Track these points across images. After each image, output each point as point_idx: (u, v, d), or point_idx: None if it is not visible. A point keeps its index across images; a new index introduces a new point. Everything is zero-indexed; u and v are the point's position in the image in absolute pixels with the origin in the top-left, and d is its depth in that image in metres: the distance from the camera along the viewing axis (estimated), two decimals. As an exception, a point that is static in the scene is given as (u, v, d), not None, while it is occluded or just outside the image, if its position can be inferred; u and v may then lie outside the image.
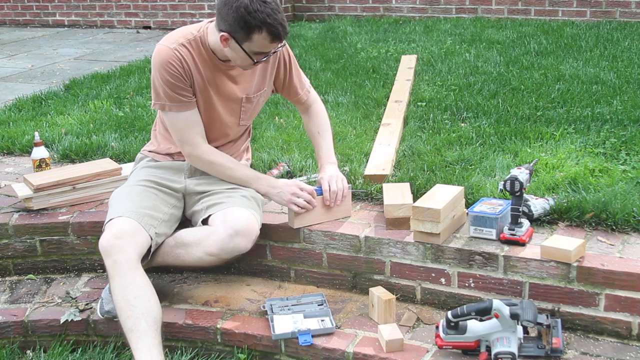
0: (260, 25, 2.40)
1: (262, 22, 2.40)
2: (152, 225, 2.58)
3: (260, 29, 2.42)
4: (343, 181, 2.76)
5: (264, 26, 2.41)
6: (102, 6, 8.38)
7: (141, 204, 2.61)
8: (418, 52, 5.54)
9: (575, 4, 6.64)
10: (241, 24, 2.41)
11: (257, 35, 2.43)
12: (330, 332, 2.47)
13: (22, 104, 4.72)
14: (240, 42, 2.46)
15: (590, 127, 3.58)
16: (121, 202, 2.63)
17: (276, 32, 2.43)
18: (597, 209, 2.61)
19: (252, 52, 2.49)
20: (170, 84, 2.55)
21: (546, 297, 2.41)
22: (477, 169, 3.12)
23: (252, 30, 2.42)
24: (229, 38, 2.46)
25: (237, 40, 2.46)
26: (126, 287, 2.41)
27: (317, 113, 2.94)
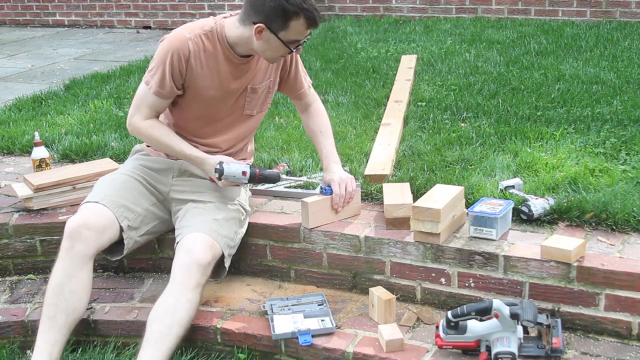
0: (297, 11, 2.44)
1: (299, 7, 2.44)
2: (127, 218, 2.63)
3: (297, 15, 2.45)
4: (352, 182, 2.77)
5: (302, 12, 2.44)
6: (102, 6, 8.38)
7: (121, 194, 2.66)
8: (418, 52, 5.54)
9: (575, 4, 6.64)
10: (279, 12, 2.44)
11: (294, 22, 2.46)
12: (331, 332, 2.47)
13: (22, 104, 4.72)
14: (276, 31, 2.48)
15: (590, 127, 3.58)
16: (102, 187, 2.71)
17: (312, 17, 2.48)
18: (597, 209, 2.61)
19: (287, 40, 2.51)
20: (164, 71, 2.58)
21: (546, 297, 2.41)
22: (477, 169, 3.12)
23: (290, 17, 2.45)
24: (264, 29, 2.47)
25: (272, 30, 2.47)
26: (69, 276, 2.50)
27: (318, 112, 2.94)
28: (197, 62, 2.59)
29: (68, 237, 2.52)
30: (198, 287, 2.48)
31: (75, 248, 2.51)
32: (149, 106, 2.66)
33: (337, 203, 2.73)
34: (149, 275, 3.01)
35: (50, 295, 2.50)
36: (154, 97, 2.63)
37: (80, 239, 2.51)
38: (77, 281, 2.51)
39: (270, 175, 2.67)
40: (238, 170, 2.60)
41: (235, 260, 2.87)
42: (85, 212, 2.59)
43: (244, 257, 2.89)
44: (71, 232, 2.52)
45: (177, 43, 2.57)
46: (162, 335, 2.38)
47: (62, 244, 2.54)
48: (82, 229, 2.52)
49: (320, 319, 2.53)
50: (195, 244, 2.52)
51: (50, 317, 2.47)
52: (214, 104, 2.70)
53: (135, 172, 2.77)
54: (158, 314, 2.42)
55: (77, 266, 2.51)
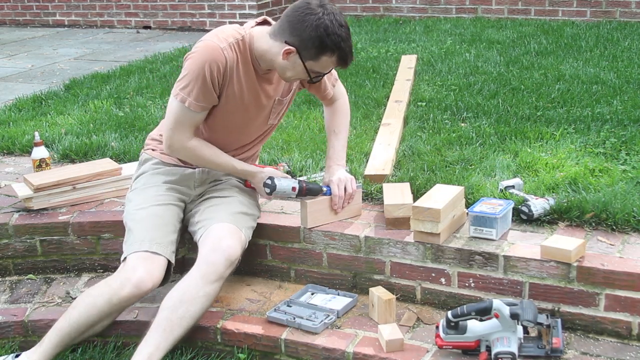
0: (334, 48, 2.40)
1: (337, 46, 2.40)
2: (173, 252, 2.59)
3: (332, 52, 2.42)
4: (352, 183, 2.75)
5: (337, 50, 2.41)
6: (102, 6, 8.37)
7: (165, 230, 2.59)
8: (418, 52, 5.54)
9: (575, 4, 6.64)
10: (316, 43, 2.39)
11: (326, 57, 2.43)
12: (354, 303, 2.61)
13: (22, 104, 4.71)
14: (305, 59, 2.44)
15: (590, 127, 3.58)
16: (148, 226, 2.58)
17: (345, 58, 2.44)
18: (597, 209, 2.61)
19: (311, 70, 2.48)
20: (205, 84, 2.48)
21: (546, 297, 2.41)
22: (477, 169, 3.12)
23: (325, 52, 2.41)
24: (294, 52, 2.43)
25: (302, 56, 2.44)
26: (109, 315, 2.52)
27: (341, 110, 2.90)
28: (233, 72, 2.52)
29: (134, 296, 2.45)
30: (220, 280, 2.47)
31: (129, 302, 2.48)
32: (189, 124, 2.57)
33: (335, 203, 2.72)
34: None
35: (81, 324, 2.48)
36: (194, 114, 2.54)
37: (139, 296, 2.47)
38: (112, 318, 2.57)
39: (314, 188, 2.69)
40: (288, 186, 2.63)
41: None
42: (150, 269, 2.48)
43: (244, 257, 2.89)
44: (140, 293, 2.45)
45: (213, 54, 2.46)
46: (172, 324, 2.38)
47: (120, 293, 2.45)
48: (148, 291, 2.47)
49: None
50: (225, 237, 2.51)
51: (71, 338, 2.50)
52: (245, 114, 2.66)
53: (165, 195, 2.69)
54: (173, 302, 2.41)
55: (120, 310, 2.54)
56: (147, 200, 2.67)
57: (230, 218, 2.58)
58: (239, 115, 2.65)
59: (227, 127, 2.68)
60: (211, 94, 2.52)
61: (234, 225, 2.56)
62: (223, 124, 2.66)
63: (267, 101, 2.67)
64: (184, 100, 2.51)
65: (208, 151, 2.63)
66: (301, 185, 2.65)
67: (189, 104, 2.51)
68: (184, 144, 2.59)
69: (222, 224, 2.55)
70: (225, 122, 2.66)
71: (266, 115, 2.73)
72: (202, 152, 2.62)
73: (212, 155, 2.63)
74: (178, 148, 2.61)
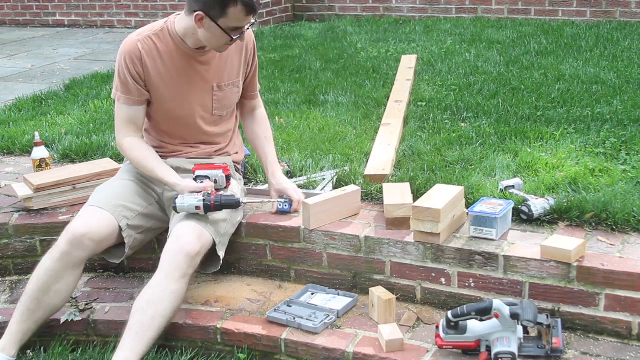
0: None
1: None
2: (125, 217, 2.65)
3: (235, 2, 2.45)
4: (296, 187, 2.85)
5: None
6: (102, 6, 8.37)
7: (118, 196, 2.69)
8: (418, 52, 5.54)
9: (576, 4, 6.64)
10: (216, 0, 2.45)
11: (232, 8, 2.47)
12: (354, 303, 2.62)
13: (22, 104, 4.72)
14: (215, 19, 2.49)
15: (590, 127, 3.58)
16: (100, 192, 2.73)
17: (250, 3, 2.48)
18: (597, 209, 2.61)
19: (228, 28, 2.52)
20: (125, 77, 2.63)
21: (546, 297, 2.41)
22: (477, 169, 3.12)
23: (227, 4, 2.46)
24: (204, 17, 2.50)
25: (212, 17, 2.49)
26: (58, 277, 2.54)
27: (264, 118, 2.99)
28: (152, 63, 2.63)
29: (68, 243, 2.53)
30: (184, 277, 2.48)
31: (72, 254, 2.54)
32: (125, 120, 2.69)
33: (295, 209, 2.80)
34: (149, 276, 2.97)
35: (35, 290, 2.54)
36: (126, 107, 2.67)
37: (80, 247, 2.55)
38: (64, 283, 2.57)
39: (228, 202, 2.61)
40: (191, 205, 2.58)
41: (235, 260, 2.87)
42: (87, 218, 2.60)
43: (244, 257, 2.89)
44: (72, 240, 2.53)
45: (127, 47, 2.63)
46: (144, 326, 2.40)
47: (58, 243, 2.56)
48: (85, 239, 2.54)
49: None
50: (184, 234, 2.53)
51: (31, 310, 2.54)
52: (182, 101, 2.71)
53: (130, 175, 2.79)
54: (142, 304, 2.44)
55: (68, 269, 2.56)
56: (114, 177, 2.85)
57: (193, 217, 2.60)
58: (175, 103, 2.71)
59: (169, 118, 2.75)
60: (134, 86, 2.63)
61: (194, 223, 2.57)
62: (164, 114, 2.75)
63: (203, 83, 2.71)
64: (114, 96, 2.68)
65: (136, 153, 2.71)
66: (207, 203, 2.56)
67: (119, 97, 2.66)
68: (120, 141, 2.72)
69: (183, 223, 2.58)
70: (165, 113, 2.74)
71: (209, 104, 2.76)
72: (131, 153, 2.72)
73: (138, 156, 2.71)
74: (119, 147, 2.75)
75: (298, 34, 6.70)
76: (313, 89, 4.63)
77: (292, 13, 7.87)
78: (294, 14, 7.88)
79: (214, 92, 2.74)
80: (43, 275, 2.54)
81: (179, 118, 2.75)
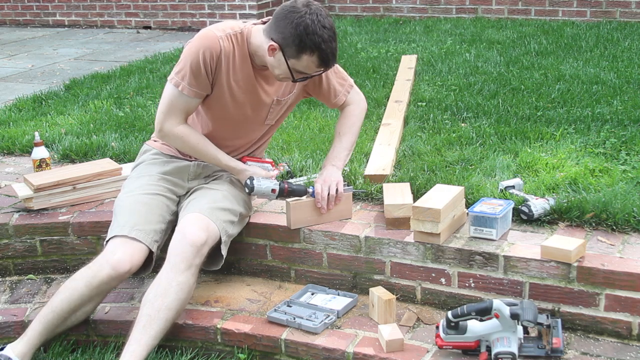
0: (314, 48, 2.42)
1: (316, 46, 2.41)
2: (156, 241, 2.62)
3: (312, 52, 2.43)
4: (339, 185, 2.73)
5: (317, 50, 2.42)
6: (102, 6, 8.37)
7: (148, 218, 2.62)
8: (418, 52, 5.54)
9: (576, 4, 6.64)
10: (296, 42, 2.41)
11: (307, 56, 2.44)
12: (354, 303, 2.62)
13: (22, 104, 4.71)
14: (287, 57, 2.46)
15: (590, 127, 3.58)
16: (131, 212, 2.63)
17: (326, 59, 2.45)
18: (597, 209, 2.61)
19: (294, 69, 2.49)
20: (198, 69, 2.54)
21: (546, 297, 2.41)
22: (477, 169, 3.12)
23: (304, 51, 2.43)
24: (277, 49, 2.46)
25: (285, 54, 2.46)
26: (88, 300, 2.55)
27: (349, 114, 2.90)
28: (227, 62, 2.57)
29: (110, 278, 2.50)
30: (190, 268, 2.48)
31: (110, 285, 2.54)
32: (181, 109, 2.61)
33: (319, 202, 2.71)
34: (149, 275, 3.00)
35: (64, 310, 2.54)
36: (187, 98, 2.59)
37: (120, 279, 2.53)
38: (94, 304, 2.63)
39: (298, 189, 2.69)
40: (268, 188, 2.64)
41: (236, 260, 2.88)
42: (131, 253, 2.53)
43: (244, 257, 2.89)
44: (115, 275, 2.50)
45: (208, 41, 2.53)
46: (151, 319, 2.41)
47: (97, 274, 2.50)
48: (128, 274, 2.53)
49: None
50: (191, 224, 2.53)
51: (55, 326, 2.55)
52: (241, 108, 2.68)
53: (155, 185, 2.72)
54: (149, 298, 2.45)
55: (101, 294, 2.59)
56: (137, 188, 2.72)
57: (201, 209, 2.60)
58: (234, 108, 2.67)
59: (223, 120, 2.71)
60: (204, 80, 2.56)
61: (202, 215, 2.57)
62: (219, 115, 2.69)
63: (265, 97, 2.68)
64: (177, 84, 2.58)
65: (195, 138, 2.66)
66: (282, 187, 2.65)
67: (182, 87, 2.57)
68: (173, 128, 2.63)
69: (191, 214, 2.58)
70: (221, 114, 2.69)
71: (264, 115, 2.74)
72: (189, 139, 2.65)
73: (198, 143, 2.66)
74: (167, 132, 2.65)
75: (298, 34, 6.70)
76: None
77: (292, 13, 7.85)
78: (294, 14, 7.86)
79: (271, 105, 2.73)
80: (76, 298, 2.53)
81: (230, 121, 2.71)
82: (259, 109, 2.71)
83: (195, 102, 2.62)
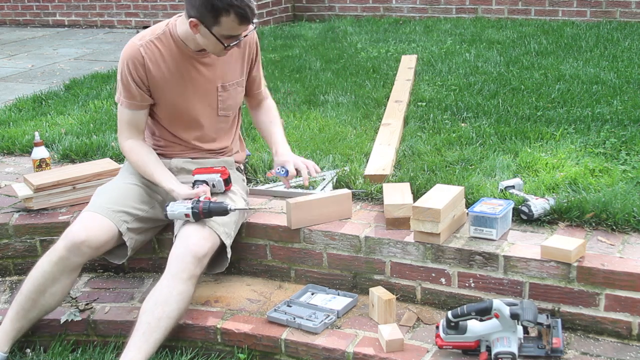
0: (227, 7, 2.43)
1: (228, 4, 2.43)
2: (125, 221, 2.64)
3: (227, 12, 2.44)
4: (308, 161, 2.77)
5: (231, 8, 2.43)
6: (102, 6, 8.38)
7: (119, 201, 2.67)
8: (418, 52, 5.54)
9: (576, 4, 6.64)
10: (208, 8, 2.44)
11: (225, 18, 2.45)
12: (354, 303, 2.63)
13: (22, 104, 4.72)
14: (209, 26, 2.49)
15: (590, 127, 3.58)
16: (101, 196, 2.71)
17: (244, 13, 2.46)
18: (597, 209, 2.61)
19: (222, 36, 2.51)
20: (127, 81, 2.62)
21: (546, 297, 2.41)
22: (477, 169, 3.12)
23: (220, 14, 2.45)
24: (198, 24, 2.49)
25: (206, 25, 2.48)
26: (54, 280, 2.55)
27: (271, 106, 2.98)
28: (155, 67, 2.62)
29: (66, 249, 2.53)
30: (192, 278, 2.49)
31: (70, 259, 2.55)
32: (127, 123, 2.69)
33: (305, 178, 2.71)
34: (149, 275, 3.01)
35: (31, 290, 2.56)
36: (128, 111, 2.67)
37: (78, 253, 2.55)
38: (60, 286, 2.58)
39: (216, 209, 2.58)
40: (181, 213, 2.59)
41: (235, 260, 2.87)
42: (86, 224, 2.58)
43: (244, 257, 2.89)
44: (71, 246, 2.53)
45: (129, 52, 2.61)
46: (151, 327, 2.40)
47: (56, 247, 2.55)
48: (84, 246, 2.54)
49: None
50: (192, 235, 2.53)
51: (26, 310, 2.57)
52: (187, 102, 2.70)
53: (134, 178, 2.77)
54: (149, 305, 2.45)
55: (65, 273, 2.57)
56: (116, 178, 2.83)
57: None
58: (180, 106, 2.70)
59: (178, 122, 2.74)
60: (136, 90, 2.62)
61: (203, 224, 2.57)
62: (169, 117, 2.74)
63: (207, 85, 2.71)
64: (118, 100, 2.67)
65: (135, 157, 2.71)
66: (196, 210, 2.56)
67: (122, 102, 2.66)
68: (122, 144, 2.72)
69: (193, 225, 2.58)
70: (170, 115, 2.73)
71: (214, 104, 2.75)
72: (130, 156, 2.72)
73: (137, 160, 2.71)
74: (121, 148, 2.74)
75: (298, 34, 6.70)
76: (313, 89, 4.63)
77: (292, 13, 7.87)
78: (294, 14, 7.88)
79: (218, 93, 2.74)
80: (40, 277, 2.55)
81: (184, 120, 2.74)
82: (206, 97, 2.73)
83: (139, 113, 2.68)
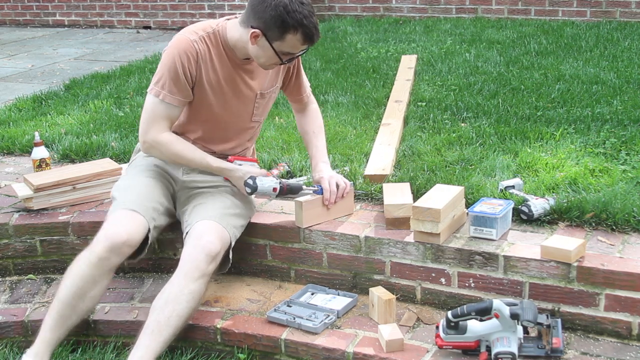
0: (296, 26, 2.42)
1: (299, 23, 2.42)
2: (154, 219, 2.62)
3: (295, 30, 2.43)
4: (343, 179, 2.77)
5: (300, 27, 2.43)
6: (102, 6, 8.38)
7: (148, 196, 2.64)
8: (418, 52, 5.54)
9: (575, 4, 6.64)
10: (277, 23, 2.42)
11: (291, 35, 2.44)
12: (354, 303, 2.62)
13: (22, 104, 4.72)
14: (271, 40, 2.47)
15: (590, 127, 3.58)
16: (131, 191, 2.65)
17: (310, 34, 2.45)
18: (597, 209, 2.61)
19: (280, 51, 2.50)
20: (177, 76, 2.54)
21: (546, 297, 2.41)
22: (477, 169, 3.12)
23: (288, 30, 2.43)
24: (260, 35, 2.47)
25: (268, 38, 2.46)
26: (94, 282, 2.50)
27: (315, 113, 2.96)
28: (206, 66, 2.58)
29: (108, 250, 2.47)
30: (203, 277, 2.47)
31: (110, 260, 2.49)
32: (163, 117, 2.59)
33: (327, 199, 2.72)
34: (149, 275, 3.01)
35: (70, 296, 2.49)
36: (168, 106, 2.58)
37: (119, 254, 2.50)
38: (99, 288, 2.53)
39: (295, 187, 2.68)
40: (269, 186, 2.61)
41: (235, 260, 2.87)
42: (127, 224, 2.53)
43: (244, 257, 2.89)
44: (113, 247, 2.47)
45: (183, 45, 2.55)
46: (160, 325, 2.39)
47: (95, 250, 2.48)
48: (125, 246, 2.49)
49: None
50: (205, 233, 2.52)
51: (65, 317, 2.49)
52: (226, 106, 2.68)
53: (151, 172, 2.75)
54: (160, 304, 2.43)
55: (104, 274, 2.51)
56: (136, 174, 2.75)
57: (213, 215, 2.59)
58: (220, 108, 2.67)
59: (211, 123, 2.71)
60: (184, 86, 2.57)
61: (215, 222, 2.57)
62: (206, 118, 2.69)
63: (248, 92, 2.69)
64: (157, 94, 2.57)
65: (180, 146, 2.64)
66: (282, 184, 2.64)
67: (163, 96, 2.57)
68: (157, 137, 2.60)
69: (204, 222, 2.57)
70: (208, 117, 2.69)
71: (250, 111, 2.74)
72: (175, 147, 2.63)
73: (184, 149, 2.64)
74: (151, 141, 2.61)
75: (298, 34, 6.70)
76: (313, 89, 4.59)
77: (292, 13, 7.86)
78: (294, 14, 7.87)
79: (256, 100, 2.72)
80: (79, 281, 2.49)
81: (217, 122, 2.71)
82: (244, 105, 2.71)
83: (177, 110, 2.61)
